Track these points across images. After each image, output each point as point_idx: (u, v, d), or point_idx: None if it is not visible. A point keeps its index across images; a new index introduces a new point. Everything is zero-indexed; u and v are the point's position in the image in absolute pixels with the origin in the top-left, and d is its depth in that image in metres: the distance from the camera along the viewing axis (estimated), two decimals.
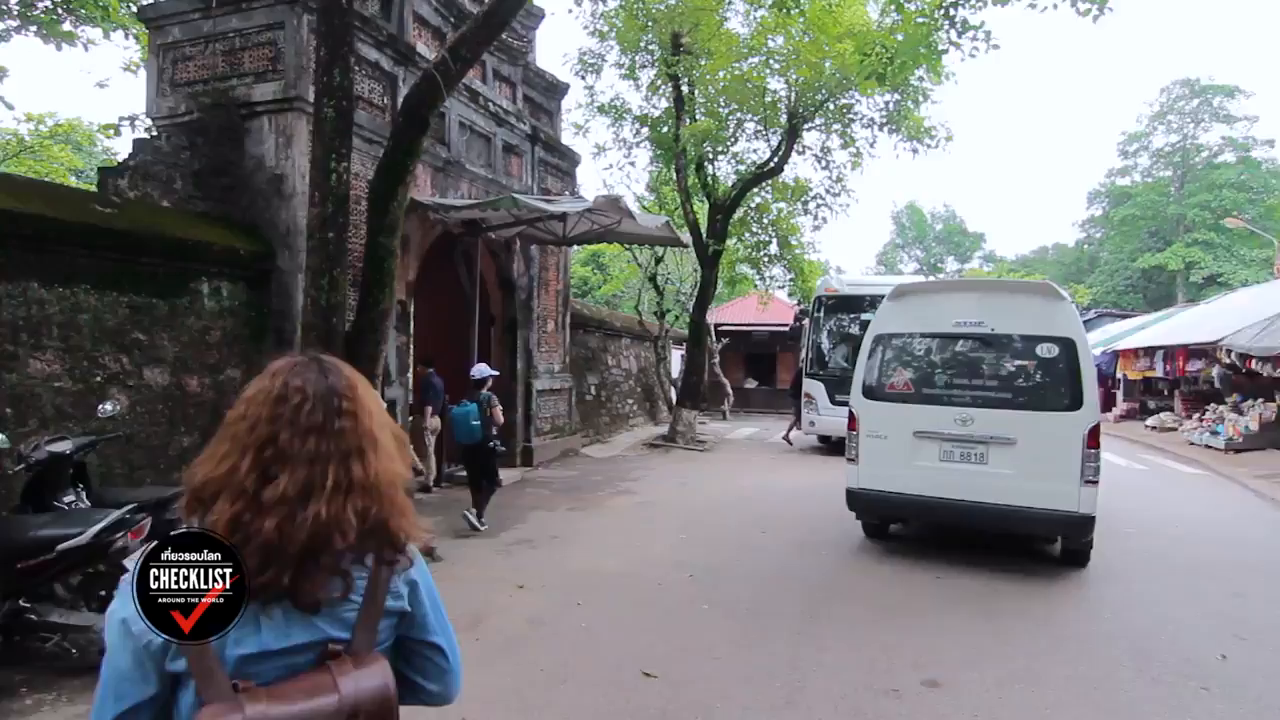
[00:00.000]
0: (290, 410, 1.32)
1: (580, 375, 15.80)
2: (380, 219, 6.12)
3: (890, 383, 7.11)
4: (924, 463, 6.76)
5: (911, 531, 8.34)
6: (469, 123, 11.25)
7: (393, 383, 9.60)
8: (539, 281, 13.40)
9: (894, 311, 7.32)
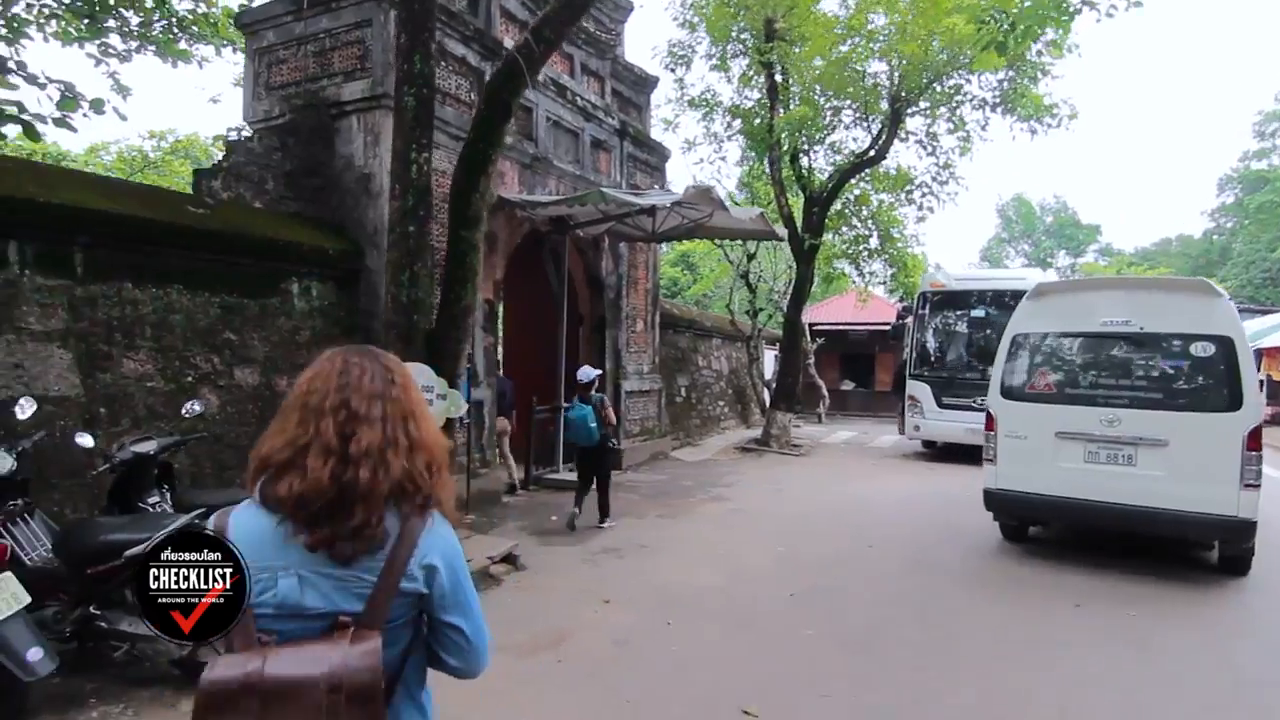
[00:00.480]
0: (354, 380, 1.49)
1: (670, 376, 15.38)
2: (462, 212, 5.86)
3: (1030, 383, 6.99)
4: (1067, 464, 6.60)
5: (1053, 534, 7.82)
6: (556, 118, 11.01)
7: (480, 384, 9.43)
8: (627, 280, 13.06)
9: (1034, 311, 7.15)
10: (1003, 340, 7.21)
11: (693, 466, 12.82)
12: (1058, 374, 6.89)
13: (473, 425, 9.32)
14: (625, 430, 12.71)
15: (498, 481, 9.67)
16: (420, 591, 1.45)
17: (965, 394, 13.30)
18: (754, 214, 9.80)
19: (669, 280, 34.71)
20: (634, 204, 9.14)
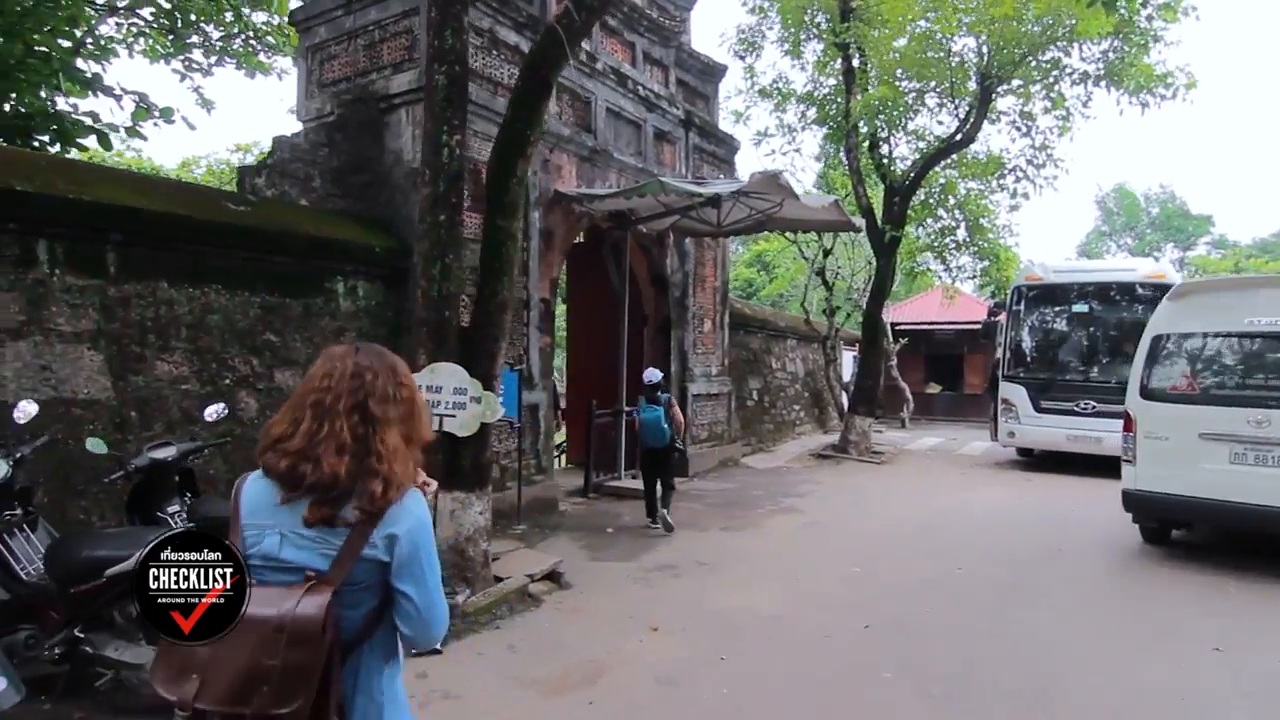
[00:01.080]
0: (369, 384, 1.64)
1: (741, 379, 14.67)
2: (499, 199, 5.40)
3: (1173, 384, 6.94)
4: (1211, 465, 6.48)
5: (1198, 538, 7.39)
6: (617, 108, 10.51)
7: (535, 386, 9.00)
8: (695, 278, 12.45)
9: (1176, 311, 7.13)
10: (1142, 341, 7.22)
11: (764, 474, 12.08)
12: (1202, 374, 6.86)
13: (527, 429, 8.90)
14: (692, 435, 12.09)
15: (554, 489, 9.22)
16: (381, 559, 1.57)
17: (1066, 397, 12.10)
18: (826, 202, 9.04)
19: (744, 282, 33.88)
20: (695, 193, 8.54)
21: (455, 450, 5.30)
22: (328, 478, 1.54)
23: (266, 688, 1.43)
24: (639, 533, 7.90)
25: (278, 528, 1.57)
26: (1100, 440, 11.67)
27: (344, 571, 1.54)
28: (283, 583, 1.54)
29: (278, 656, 1.44)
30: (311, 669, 1.46)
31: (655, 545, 7.34)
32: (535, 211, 9.05)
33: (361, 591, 1.58)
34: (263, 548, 1.58)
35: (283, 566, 1.56)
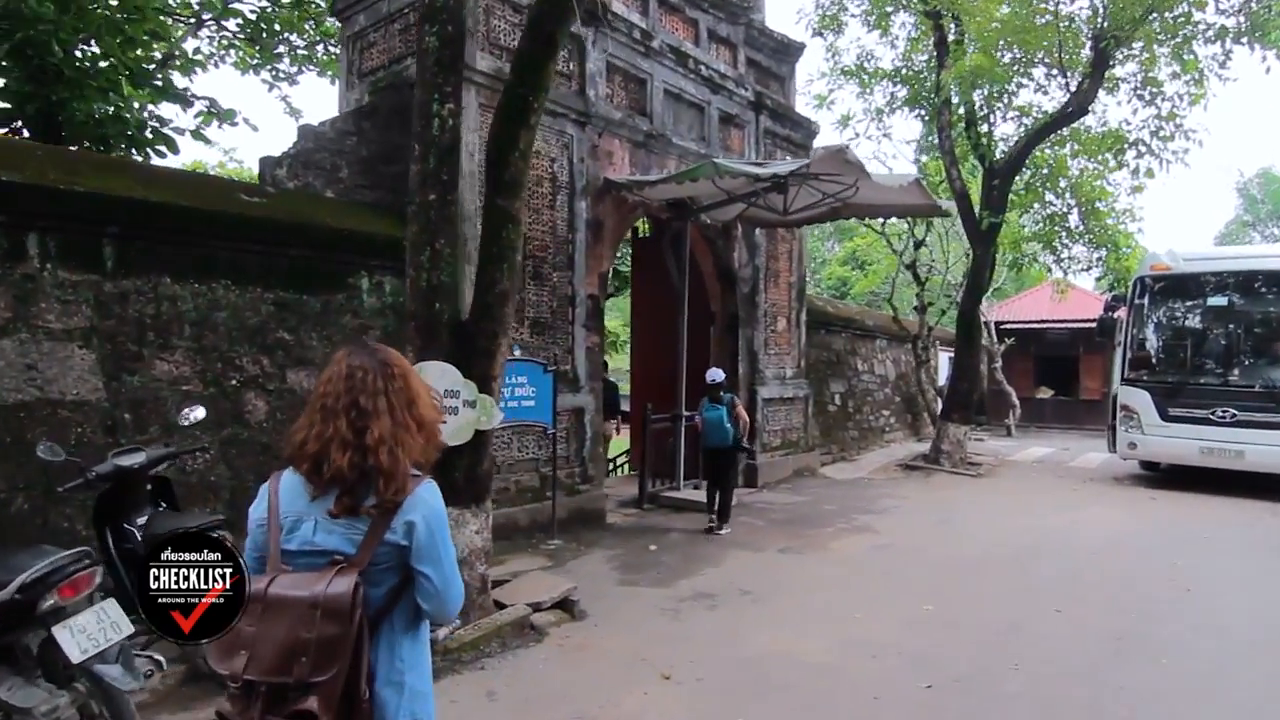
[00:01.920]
0: (359, 381, 1.80)
1: (821, 381, 13.60)
2: (499, 175, 4.76)
3: None
4: None
5: None
6: (676, 90, 9.76)
7: (581, 388, 8.36)
8: (766, 273, 11.52)
9: None
10: None
11: (841, 486, 11.02)
12: None
13: (571, 434, 8.27)
14: (762, 442, 11.18)
15: (602, 500, 8.55)
16: (400, 544, 1.78)
17: (1200, 404, 10.45)
18: (905, 180, 7.98)
19: (837, 280, 32.38)
20: (752, 174, 7.67)
21: (447, 461, 4.69)
22: (339, 473, 1.74)
23: (305, 658, 1.61)
24: (687, 550, 7.14)
25: (312, 516, 1.78)
26: (1242, 454, 10.01)
27: (368, 554, 1.74)
28: (316, 566, 1.74)
29: (313, 630, 1.62)
30: (343, 641, 1.64)
31: (699, 567, 6.54)
32: (582, 201, 8.43)
33: (384, 571, 1.77)
34: (300, 534, 1.78)
35: (316, 551, 1.76)
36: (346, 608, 1.64)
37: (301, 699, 1.61)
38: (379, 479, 1.75)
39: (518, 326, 7.79)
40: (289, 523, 1.79)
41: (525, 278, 7.90)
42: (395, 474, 1.76)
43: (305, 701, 1.61)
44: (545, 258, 8.11)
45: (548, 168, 8.13)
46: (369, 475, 1.75)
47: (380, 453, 1.75)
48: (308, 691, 1.61)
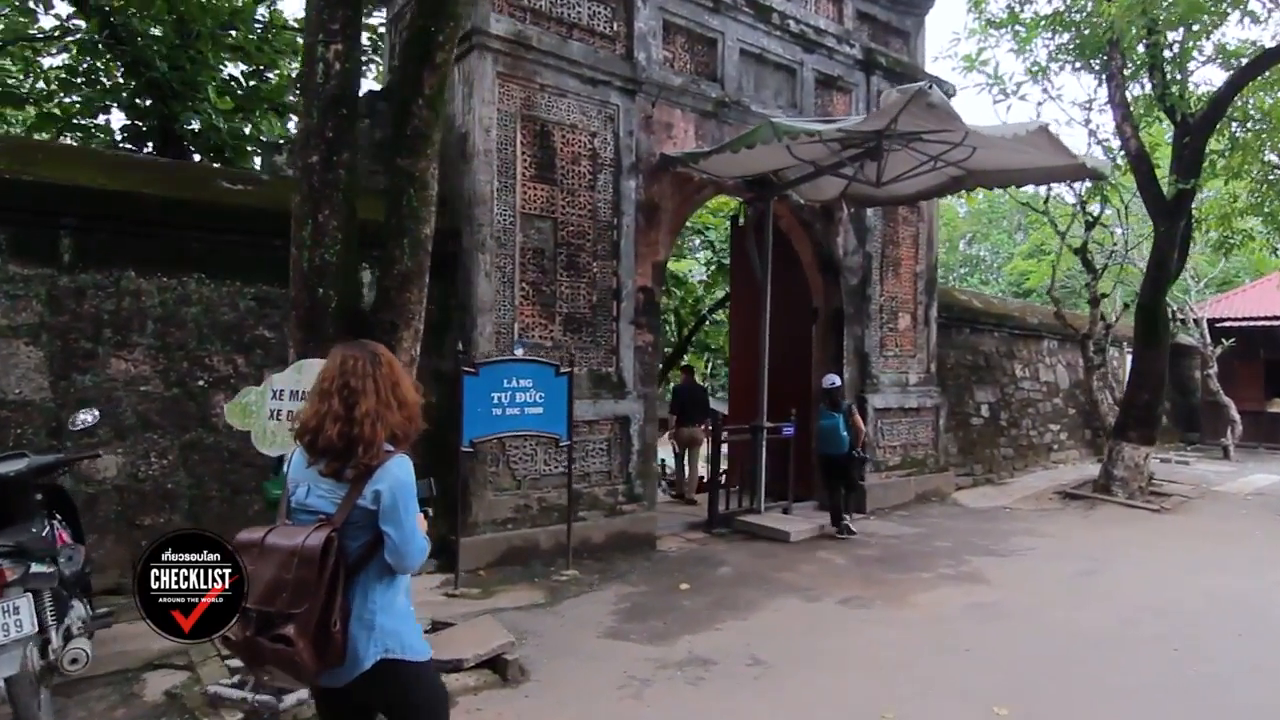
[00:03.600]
0: (350, 367, 2.17)
1: (963, 389, 11.52)
2: (399, 128, 3.86)
3: None
4: None
5: None
6: (757, 50, 8.43)
7: (626, 394, 7.29)
8: (883, 261, 9.82)
9: None
10: None
11: (971, 517, 9.08)
12: None
13: (613, 447, 7.24)
14: (874, 461, 9.49)
15: (650, 522, 7.41)
16: (369, 508, 2.11)
17: None
18: (1026, 129, 6.13)
19: (1018, 275, 28.72)
20: (811, 130, 6.24)
21: None
22: (330, 443, 2.12)
23: (285, 594, 2.01)
24: (724, 592, 5.86)
25: (307, 481, 2.19)
26: None
27: (344, 515, 2.10)
28: (307, 522, 2.12)
29: (291, 573, 2.02)
30: (315, 583, 2.00)
31: (722, 617, 5.26)
32: (630, 180, 7.37)
33: (358, 529, 2.13)
34: (297, 496, 2.20)
35: (308, 510, 2.17)
36: (317, 557, 2.00)
37: (282, 624, 1.98)
38: (359, 446, 2.10)
39: (545, 323, 6.90)
40: (293, 486, 2.21)
41: (557, 268, 6.98)
42: (374, 443, 2.12)
43: (285, 627, 1.98)
44: (582, 245, 7.13)
45: (586, 143, 7.16)
46: (353, 444, 2.10)
47: (365, 424, 2.11)
48: (287, 620, 1.98)
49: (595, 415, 7.10)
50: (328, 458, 2.12)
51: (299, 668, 1.99)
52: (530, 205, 6.83)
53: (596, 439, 7.16)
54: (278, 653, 2.00)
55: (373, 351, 2.24)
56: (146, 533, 5.18)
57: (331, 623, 2.01)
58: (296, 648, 1.96)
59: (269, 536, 2.08)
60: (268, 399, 3.75)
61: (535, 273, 6.86)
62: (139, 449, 5.20)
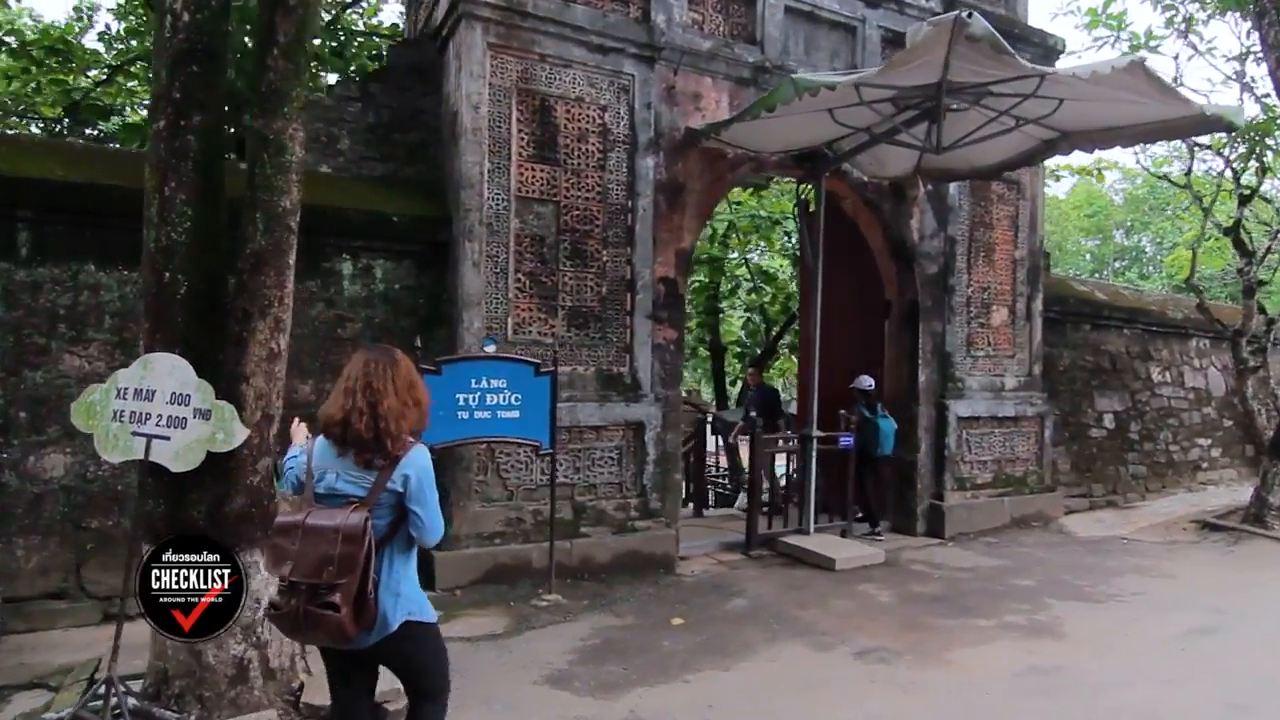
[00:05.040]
0: (373, 369, 2.50)
1: (1079, 396, 9.85)
2: (250, 84, 3.30)
3: None
4: None
5: None
6: (807, 6, 7.43)
7: (641, 396, 6.53)
8: (970, 245, 8.49)
9: None
10: None
11: (1075, 548, 7.60)
12: None
13: (626, 456, 6.49)
14: (956, 477, 8.19)
15: (668, 541, 6.58)
16: (398, 490, 2.47)
17: None
18: (1114, 66, 4.80)
19: (1178, 267, 25.16)
20: (828, 83, 5.20)
21: (179, 494, 3.35)
22: (358, 436, 2.44)
23: (332, 567, 2.30)
24: (718, 631, 4.99)
25: (335, 469, 2.50)
26: None
27: (375, 497, 2.44)
28: (336, 505, 2.44)
29: (337, 548, 2.31)
30: (357, 556, 2.32)
31: (699, 665, 4.39)
32: (647, 158, 6.61)
33: (386, 509, 2.48)
34: (326, 482, 2.51)
35: (337, 494, 2.48)
36: (359, 533, 2.34)
37: (329, 594, 2.30)
38: (386, 440, 2.45)
39: (545, 318, 6.25)
40: (319, 473, 2.54)
41: (560, 256, 6.32)
42: (399, 436, 2.48)
43: (332, 595, 2.30)
44: (590, 231, 6.43)
45: (595, 118, 6.46)
46: (381, 437, 2.44)
47: (390, 420, 2.46)
48: (333, 590, 2.30)
49: (603, 420, 6.37)
50: (358, 449, 2.45)
51: (343, 630, 2.30)
52: (528, 188, 6.20)
53: (604, 446, 6.43)
54: (324, 619, 2.29)
55: (390, 355, 2.59)
56: (93, 535, 4.99)
57: (368, 591, 2.35)
58: (341, 614, 2.27)
59: (309, 519, 2.38)
60: (112, 398, 3.30)
61: (533, 262, 6.22)
62: (89, 449, 4.96)
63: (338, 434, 2.46)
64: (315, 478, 2.52)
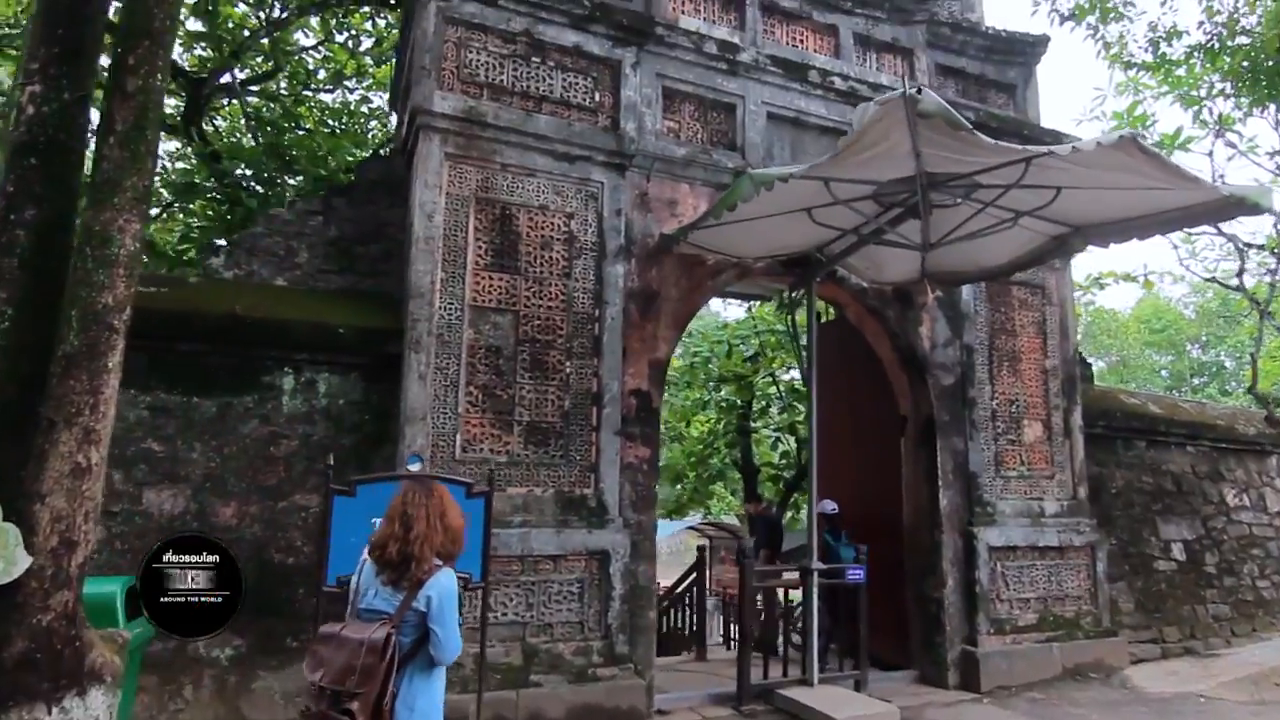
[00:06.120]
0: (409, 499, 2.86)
1: (1138, 522, 8.68)
2: (93, 174, 3.04)
3: None
4: None
5: None
6: (792, 113, 7.22)
7: (607, 522, 5.87)
8: (991, 353, 7.77)
9: None
10: None
11: (1140, 709, 6.34)
12: None
13: (588, 591, 5.76)
14: (992, 618, 7.10)
15: (637, 692, 5.70)
16: (421, 610, 2.75)
17: None
18: (1100, 142, 4.24)
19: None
20: (787, 176, 4.77)
21: None
22: (390, 557, 2.78)
23: (354, 676, 2.56)
24: None
25: (374, 588, 2.81)
26: None
27: (401, 615, 2.72)
28: (373, 620, 2.73)
29: (359, 660, 2.57)
30: (378, 669, 2.57)
31: None
32: (617, 265, 6.28)
33: (410, 628, 2.75)
34: (366, 600, 2.81)
35: (374, 610, 2.78)
36: (381, 647, 2.60)
37: (349, 701, 2.55)
38: (412, 563, 2.76)
39: (499, 434, 5.76)
40: (363, 591, 2.85)
41: (518, 368, 5.89)
42: (423, 560, 2.78)
43: (351, 703, 2.55)
44: (552, 341, 6.02)
45: (561, 226, 6.19)
46: (408, 560, 2.76)
47: (417, 545, 2.77)
48: (353, 698, 2.55)
49: (560, 549, 5.70)
50: (389, 570, 2.77)
51: None
52: (484, 297, 5.88)
53: (563, 579, 5.72)
54: None
55: (427, 486, 2.95)
56: None
57: (385, 702, 2.58)
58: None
59: (345, 630, 2.68)
60: None
61: (488, 374, 5.80)
62: None
63: (378, 556, 2.82)
64: (360, 595, 2.85)
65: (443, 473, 5.35)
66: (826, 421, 9.08)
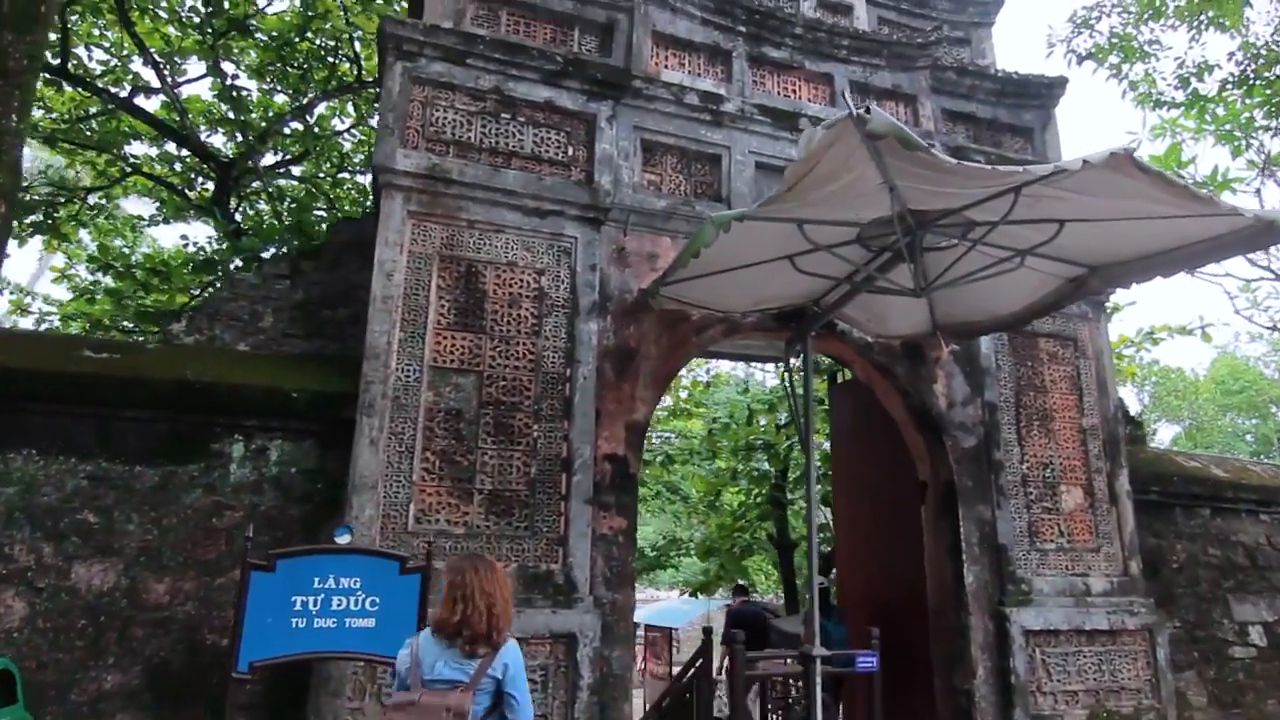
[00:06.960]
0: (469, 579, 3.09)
1: (1205, 602, 7.65)
2: None
3: None
4: None
5: None
6: (781, 161, 6.85)
7: (576, 601, 5.34)
8: (1019, 413, 7.08)
9: None
10: None
11: None
12: None
13: (553, 680, 5.19)
14: (1036, 717, 6.19)
15: None
16: (497, 677, 3.02)
17: None
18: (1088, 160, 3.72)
19: None
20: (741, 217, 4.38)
21: None
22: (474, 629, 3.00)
23: None
24: None
25: (442, 658, 3.02)
26: None
27: (478, 681, 2.97)
28: (442, 689, 2.95)
29: None
30: None
31: None
32: (590, 323, 5.93)
33: (485, 694, 2.99)
34: (435, 670, 3.00)
35: (443, 680, 2.98)
36: (464, 712, 2.87)
37: None
38: (494, 632, 3.03)
39: (458, 503, 5.35)
40: (428, 662, 3.02)
41: (480, 432, 5.52)
42: (505, 630, 3.09)
43: None
44: (518, 404, 5.64)
45: (530, 282, 5.90)
46: (490, 631, 3.02)
47: (500, 618, 3.06)
48: None
49: (522, 631, 5.12)
50: (470, 641, 3.00)
51: None
52: (445, 358, 5.57)
53: (537, 665, 5.16)
54: None
55: (489, 564, 3.21)
56: None
57: None
58: None
59: (423, 698, 2.92)
60: None
61: (447, 439, 5.43)
62: None
63: (451, 631, 3.01)
64: (421, 666, 3.01)
65: (393, 546, 4.96)
66: (847, 491, 8.42)
